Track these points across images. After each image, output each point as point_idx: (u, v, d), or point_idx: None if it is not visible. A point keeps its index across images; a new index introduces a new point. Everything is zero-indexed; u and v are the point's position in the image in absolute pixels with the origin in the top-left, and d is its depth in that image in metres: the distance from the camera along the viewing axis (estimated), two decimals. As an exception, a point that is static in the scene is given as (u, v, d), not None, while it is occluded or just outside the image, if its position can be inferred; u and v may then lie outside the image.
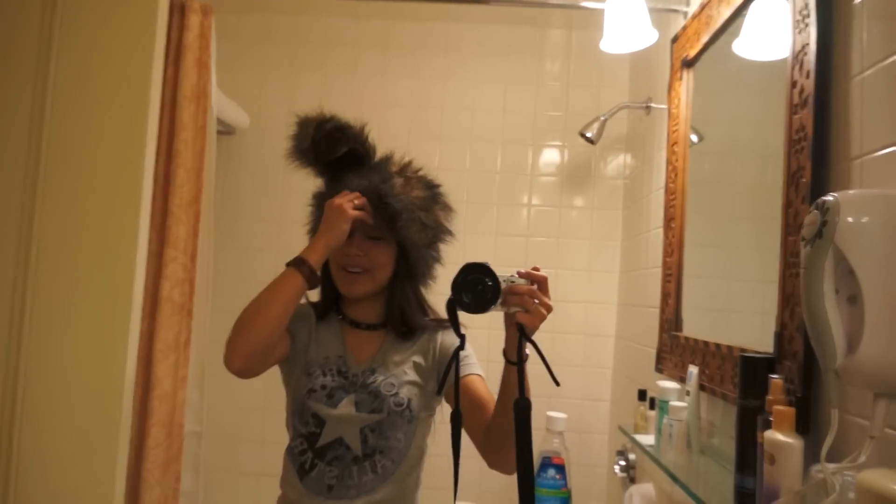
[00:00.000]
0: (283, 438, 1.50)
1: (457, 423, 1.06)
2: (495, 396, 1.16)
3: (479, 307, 1.00)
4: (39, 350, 1.55)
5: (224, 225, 2.52)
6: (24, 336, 1.53)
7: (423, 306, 1.36)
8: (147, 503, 1.75)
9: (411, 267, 1.31)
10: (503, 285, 1.01)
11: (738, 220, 1.52)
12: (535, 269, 1.05)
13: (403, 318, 1.31)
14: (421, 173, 1.32)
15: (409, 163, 1.33)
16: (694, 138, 1.73)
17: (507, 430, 1.07)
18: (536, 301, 1.03)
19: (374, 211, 1.25)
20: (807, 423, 0.98)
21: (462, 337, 1.07)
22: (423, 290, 1.36)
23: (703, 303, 1.63)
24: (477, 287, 1.00)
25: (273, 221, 2.56)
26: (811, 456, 0.90)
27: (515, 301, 1.02)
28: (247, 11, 2.61)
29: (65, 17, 1.49)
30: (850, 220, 0.77)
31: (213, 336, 2.19)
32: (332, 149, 1.27)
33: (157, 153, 1.86)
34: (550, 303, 1.05)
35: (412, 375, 1.28)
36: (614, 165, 2.54)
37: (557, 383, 1.05)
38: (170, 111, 1.86)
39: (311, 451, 1.25)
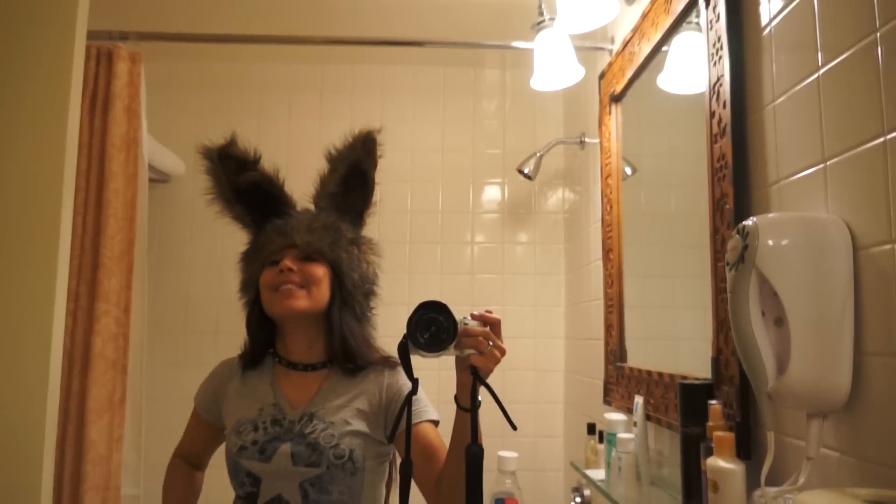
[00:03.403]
0: (227, 499, 1.43)
1: (406, 473, 1.01)
2: (447, 443, 1.13)
3: (434, 347, 0.97)
4: None
5: (161, 275, 2.45)
6: None
7: (368, 342, 1.30)
8: (81, 576, 1.64)
9: (348, 296, 1.27)
10: (458, 326, 0.99)
11: (675, 248, 1.55)
12: (488, 311, 1.03)
13: (347, 352, 1.24)
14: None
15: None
16: (628, 171, 1.77)
17: (459, 479, 1.03)
18: (490, 343, 1.01)
19: (304, 228, 1.25)
20: (748, 448, 0.98)
21: (415, 381, 1.03)
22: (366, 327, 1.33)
23: (646, 332, 1.64)
24: (432, 327, 0.97)
25: (213, 268, 2.49)
26: (754, 481, 0.90)
27: (469, 343, 1.00)
28: (181, 59, 2.58)
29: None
30: (770, 242, 0.79)
31: (151, 392, 2.11)
32: (240, 174, 1.28)
33: (85, 204, 1.80)
34: (504, 346, 1.03)
35: (355, 424, 1.20)
36: (554, 200, 2.58)
37: (514, 427, 1.03)
38: (98, 161, 1.81)
39: None
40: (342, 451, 1.17)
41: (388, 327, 1.35)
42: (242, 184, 1.28)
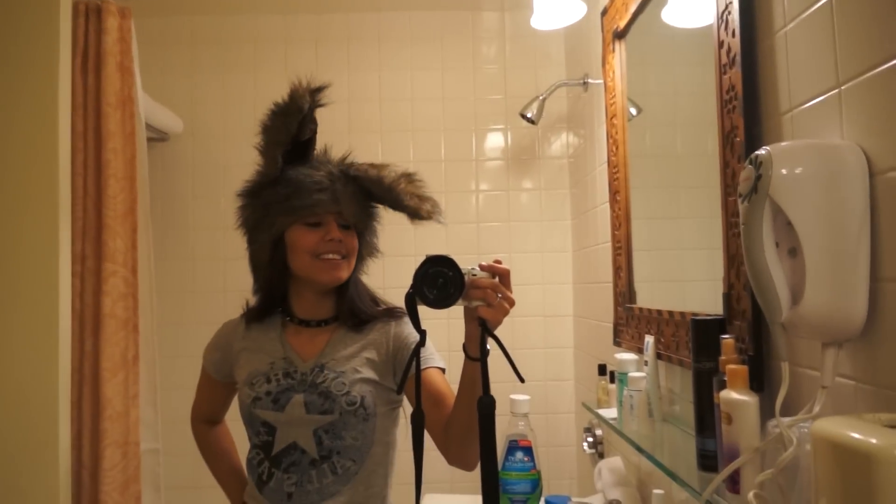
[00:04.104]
0: (243, 448, 1.47)
1: (419, 423, 1.02)
2: (455, 389, 1.14)
3: (442, 302, 0.97)
4: None
5: (165, 235, 2.45)
6: None
7: (373, 296, 1.33)
8: (107, 529, 1.68)
9: (363, 260, 1.31)
10: (466, 278, 0.98)
11: (683, 189, 1.53)
12: (497, 261, 1.02)
13: (354, 310, 1.27)
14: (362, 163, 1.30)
15: (348, 154, 1.32)
16: (633, 111, 1.73)
17: (467, 426, 1.07)
18: (499, 295, 1.00)
19: (350, 197, 1.23)
20: (761, 381, 0.99)
21: (423, 333, 1.03)
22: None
23: (655, 275, 1.64)
24: (439, 280, 0.97)
25: (217, 227, 2.49)
26: (767, 412, 0.90)
27: (477, 295, 0.99)
28: (172, 14, 2.52)
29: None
30: (783, 171, 0.77)
31: (163, 350, 2.13)
32: (310, 125, 1.26)
33: (84, 165, 1.78)
34: (513, 296, 1.02)
35: (365, 372, 1.23)
36: (558, 145, 2.54)
37: (522, 380, 1.03)
38: (94, 120, 1.78)
39: (267, 460, 1.21)
40: (354, 398, 1.19)
41: (394, 279, 1.36)
42: (306, 134, 1.26)
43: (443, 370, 1.26)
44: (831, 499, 0.62)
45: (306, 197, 1.22)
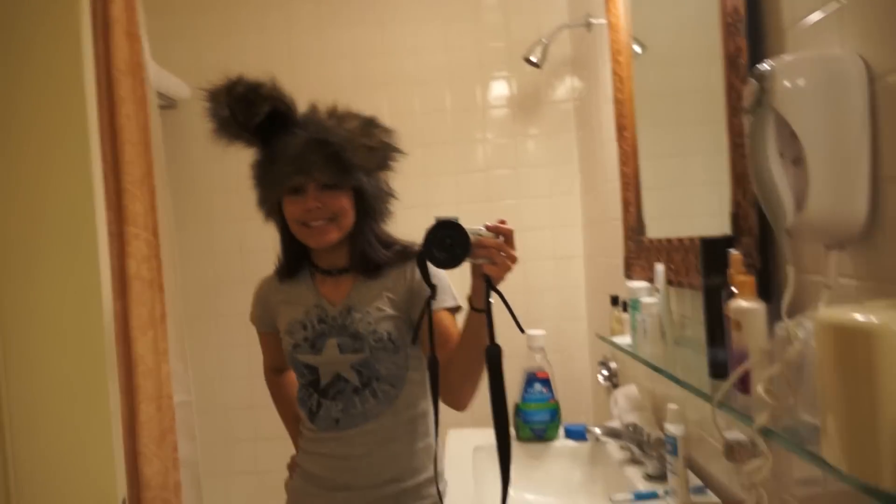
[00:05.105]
0: (271, 402, 1.57)
1: (434, 370, 1.12)
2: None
3: (449, 262, 1.07)
4: (18, 350, 1.52)
5: (183, 200, 2.49)
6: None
7: (386, 241, 1.37)
8: (148, 476, 1.77)
9: (369, 207, 1.33)
10: (472, 238, 1.06)
11: (689, 126, 1.55)
12: (502, 221, 1.10)
13: (365, 259, 1.33)
14: (353, 111, 1.31)
15: (335, 106, 1.31)
16: (637, 49, 1.75)
17: (465, 371, 1.19)
18: (503, 253, 1.08)
19: (322, 160, 1.24)
20: (768, 292, 1.03)
21: (433, 287, 1.13)
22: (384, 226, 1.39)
23: (663, 212, 1.67)
24: (447, 241, 1.06)
25: (232, 190, 2.53)
26: (774, 319, 0.95)
27: (482, 253, 1.08)
28: (170, -21, 2.53)
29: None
30: (787, 84, 0.81)
31: (188, 309, 2.20)
32: (252, 111, 1.24)
33: (100, 132, 1.82)
34: (516, 254, 1.10)
35: (388, 310, 1.32)
36: (562, 90, 2.55)
37: (522, 331, 1.14)
38: (106, 87, 1.81)
39: (316, 393, 1.32)
40: (380, 334, 1.29)
41: (405, 231, 1.41)
42: (255, 120, 1.25)
43: (455, 309, 1.32)
44: (833, 382, 0.67)
45: (279, 170, 1.27)
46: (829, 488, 0.96)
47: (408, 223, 1.41)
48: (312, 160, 1.25)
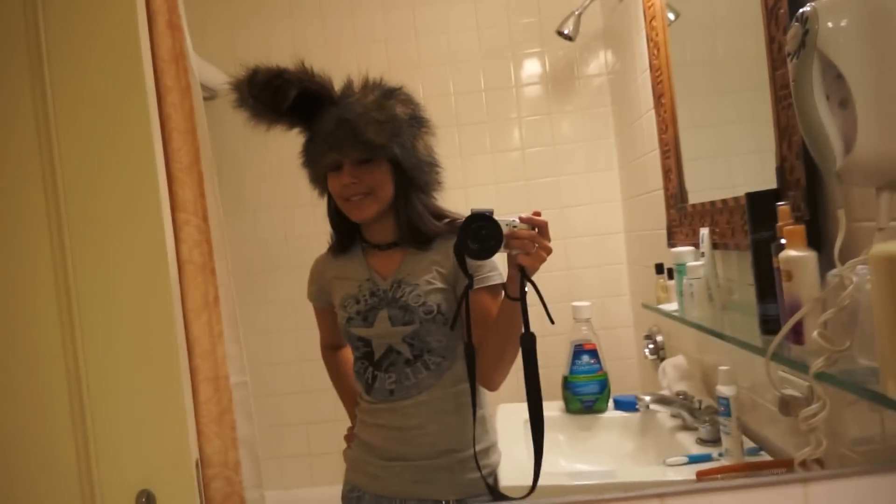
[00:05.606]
0: (323, 386, 1.62)
1: (471, 355, 1.19)
2: None
3: (483, 253, 1.12)
4: (93, 334, 1.59)
5: (227, 188, 2.55)
6: (75, 329, 1.57)
7: (435, 213, 1.39)
8: (209, 454, 1.82)
9: (410, 178, 1.34)
10: (505, 230, 1.11)
11: (727, 94, 1.54)
12: (537, 213, 1.14)
13: (414, 231, 1.35)
14: (381, 82, 1.34)
15: (366, 78, 1.34)
16: (671, 16, 1.73)
17: (498, 354, 1.23)
18: (537, 245, 1.12)
19: (351, 137, 1.28)
20: (818, 242, 1.02)
21: (470, 278, 1.18)
22: (435, 197, 1.40)
23: (705, 183, 1.66)
24: (481, 232, 1.10)
25: (274, 178, 2.58)
26: (825, 269, 0.95)
27: (517, 244, 1.12)
28: (206, -27, 2.59)
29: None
30: (829, 24, 0.80)
31: (238, 294, 2.26)
32: (280, 96, 1.29)
33: (149, 123, 1.89)
34: (550, 245, 1.14)
35: (437, 283, 1.33)
36: (596, 64, 2.54)
37: (552, 321, 1.16)
38: (151, 78, 1.87)
39: (371, 366, 1.36)
40: (430, 307, 1.30)
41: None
42: (284, 104, 1.30)
43: (497, 287, 1.33)
44: (890, 314, 0.67)
45: (316, 149, 1.33)
46: (888, 443, 0.96)
47: (446, 203, 1.43)
48: (343, 137, 1.28)
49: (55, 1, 1.50)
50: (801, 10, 0.83)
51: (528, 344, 1.14)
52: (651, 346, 2.10)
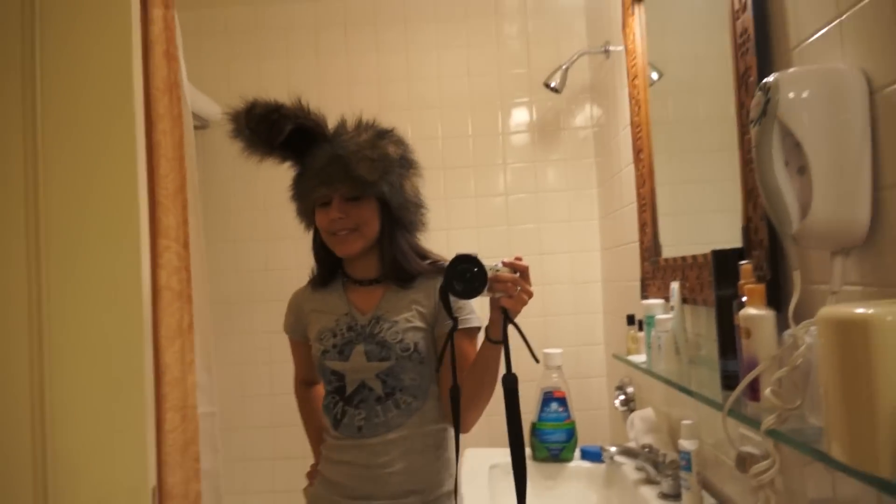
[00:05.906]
0: (293, 421, 1.62)
1: (455, 398, 1.19)
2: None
3: (468, 294, 1.15)
4: (60, 354, 1.59)
5: (212, 218, 2.57)
6: (44, 347, 1.57)
7: (419, 253, 1.42)
8: (171, 485, 1.80)
9: (397, 217, 1.37)
10: (489, 274, 1.14)
11: (704, 154, 1.58)
12: (518, 258, 1.17)
13: (398, 269, 1.37)
14: (375, 123, 1.37)
15: (360, 118, 1.38)
16: (654, 76, 1.79)
17: (472, 396, 1.25)
18: (518, 288, 1.15)
19: (342, 173, 1.30)
20: (778, 301, 1.05)
21: (455, 320, 1.21)
22: (418, 238, 1.43)
23: (679, 237, 1.69)
24: (466, 275, 1.14)
25: (259, 210, 2.61)
26: (783, 328, 0.97)
27: (500, 288, 1.15)
28: (206, 7, 2.65)
29: (44, 17, 1.54)
30: (791, 95, 0.84)
31: (215, 323, 2.25)
32: (276, 130, 1.31)
33: (138, 148, 1.91)
34: (531, 289, 1.17)
35: (416, 321, 1.35)
36: (581, 116, 2.61)
37: (537, 360, 1.21)
38: (144, 104, 1.90)
39: (342, 401, 1.35)
40: (407, 344, 1.31)
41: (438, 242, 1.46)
42: (278, 138, 1.33)
43: (475, 329, 1.36)
44: (834, 375, 0.69)
45: (307, 183, 1.35)
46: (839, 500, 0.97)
47: (428, 244, 1.46)
48: (334, 173, 1.31)
49: (52, 25, 1.55)
50: (764, 80, 0.87)
51: (511, 384, 1.15)
52: (622, 397, 2.11)
